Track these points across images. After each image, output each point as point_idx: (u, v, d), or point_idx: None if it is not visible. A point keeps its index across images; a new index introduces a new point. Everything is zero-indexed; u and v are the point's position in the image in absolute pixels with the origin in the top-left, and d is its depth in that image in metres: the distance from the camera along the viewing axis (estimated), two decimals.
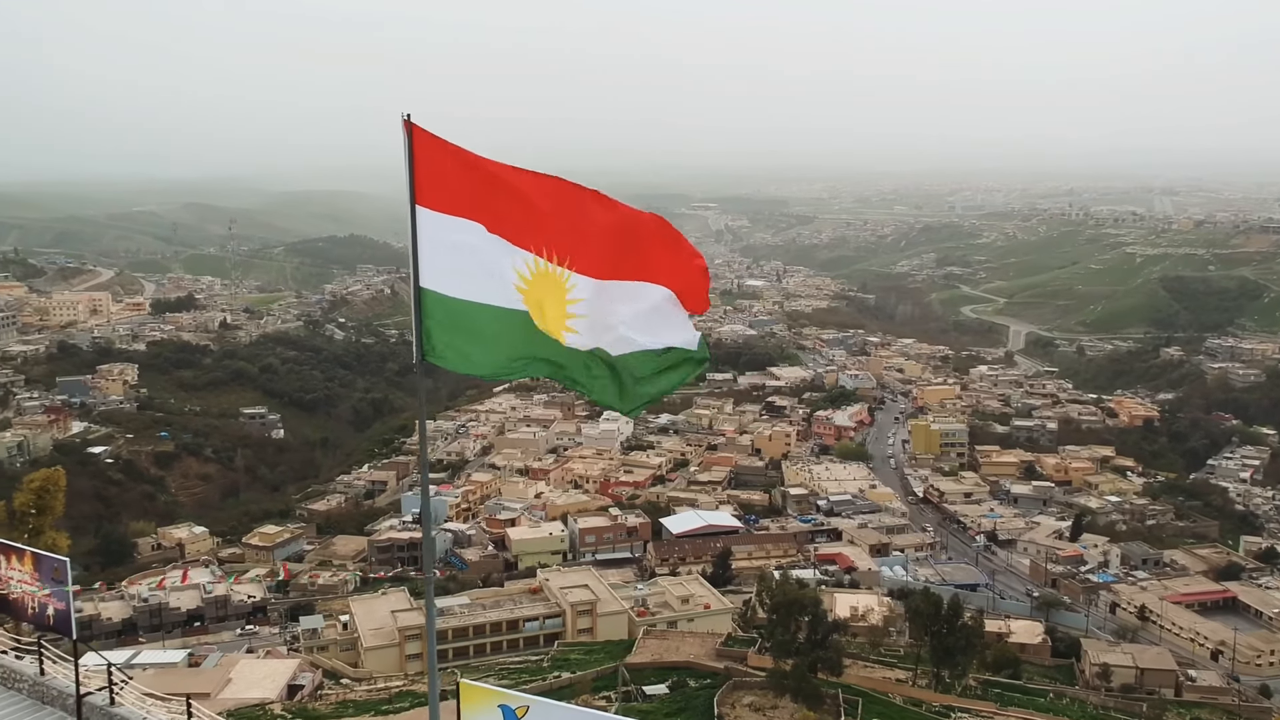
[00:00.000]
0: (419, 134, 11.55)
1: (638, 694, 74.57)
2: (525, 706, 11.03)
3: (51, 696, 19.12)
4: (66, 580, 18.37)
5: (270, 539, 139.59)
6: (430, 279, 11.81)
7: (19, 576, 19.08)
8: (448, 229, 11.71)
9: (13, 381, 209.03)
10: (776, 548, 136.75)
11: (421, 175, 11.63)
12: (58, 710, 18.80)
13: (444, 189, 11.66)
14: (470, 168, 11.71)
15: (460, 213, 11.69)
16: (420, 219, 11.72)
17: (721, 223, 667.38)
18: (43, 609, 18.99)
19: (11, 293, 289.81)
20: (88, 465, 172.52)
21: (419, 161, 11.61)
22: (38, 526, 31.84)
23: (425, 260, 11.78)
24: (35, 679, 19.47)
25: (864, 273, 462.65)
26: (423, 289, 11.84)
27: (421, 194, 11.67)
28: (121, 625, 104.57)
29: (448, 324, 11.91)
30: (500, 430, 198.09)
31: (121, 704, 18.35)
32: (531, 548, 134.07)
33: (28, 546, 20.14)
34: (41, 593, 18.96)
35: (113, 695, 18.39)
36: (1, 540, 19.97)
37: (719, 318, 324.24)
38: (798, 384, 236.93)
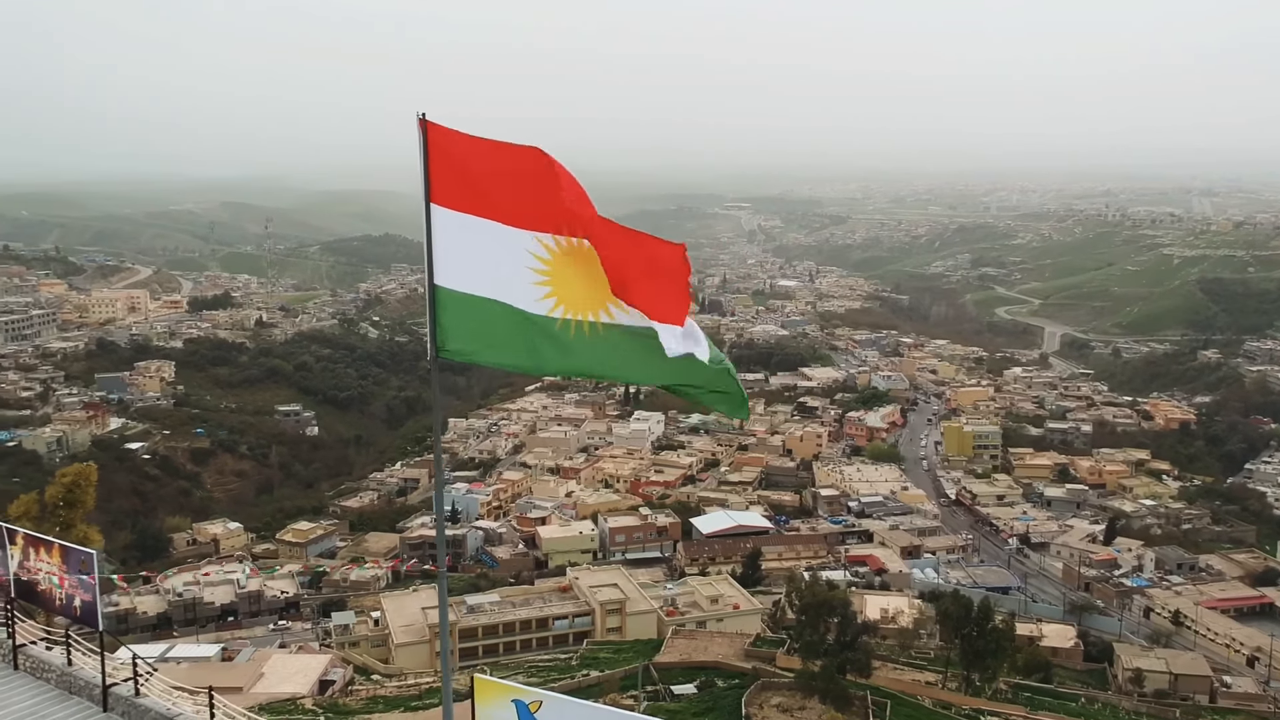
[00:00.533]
0: (434, 130, 11.64)
1: (665, 693, 74.70)
2: (538, 701, 11.19)
3: (79, 687, 19.50)
4: (93, 573, 18.76)
5: (303, 535, 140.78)
6: (444, 276, 11.94)
7: (47, 568, 19.52)
8: (462, 226, 11.79)
9: (52, 378, 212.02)
10: (807, 549, 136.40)
11: (436, 173, 11.73)
12: (85, 700, 19.18)
13: (459, 186, 11.73)
14: (486, 157, 11.67)
15: (475, 210, 11.73)
16: (435, 216, 11.84)
17: (754, 223, 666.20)
18: (70, 600, 19.40)
19: (52, 290, 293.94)
20: (125, 461, 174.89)
21: (434, 159, 11.72)
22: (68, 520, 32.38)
23: (440, 257, 11.91)
24: (63, 669, 19.87)
25: (898, 273, 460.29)
26: (437, 286, 11.98)
27: (436, 192, 11.78)
28: (156, 619, 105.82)
29: (461, 320, 12.01)
30: (532, 429, 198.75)
31: (146, 695, 18.71)
32: (562, 546, 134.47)
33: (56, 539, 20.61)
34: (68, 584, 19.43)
35: (138, 686, 18.75)
36: (30, 532, 20.42)
37: (751, 318, 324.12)
38: (830, 385, 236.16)
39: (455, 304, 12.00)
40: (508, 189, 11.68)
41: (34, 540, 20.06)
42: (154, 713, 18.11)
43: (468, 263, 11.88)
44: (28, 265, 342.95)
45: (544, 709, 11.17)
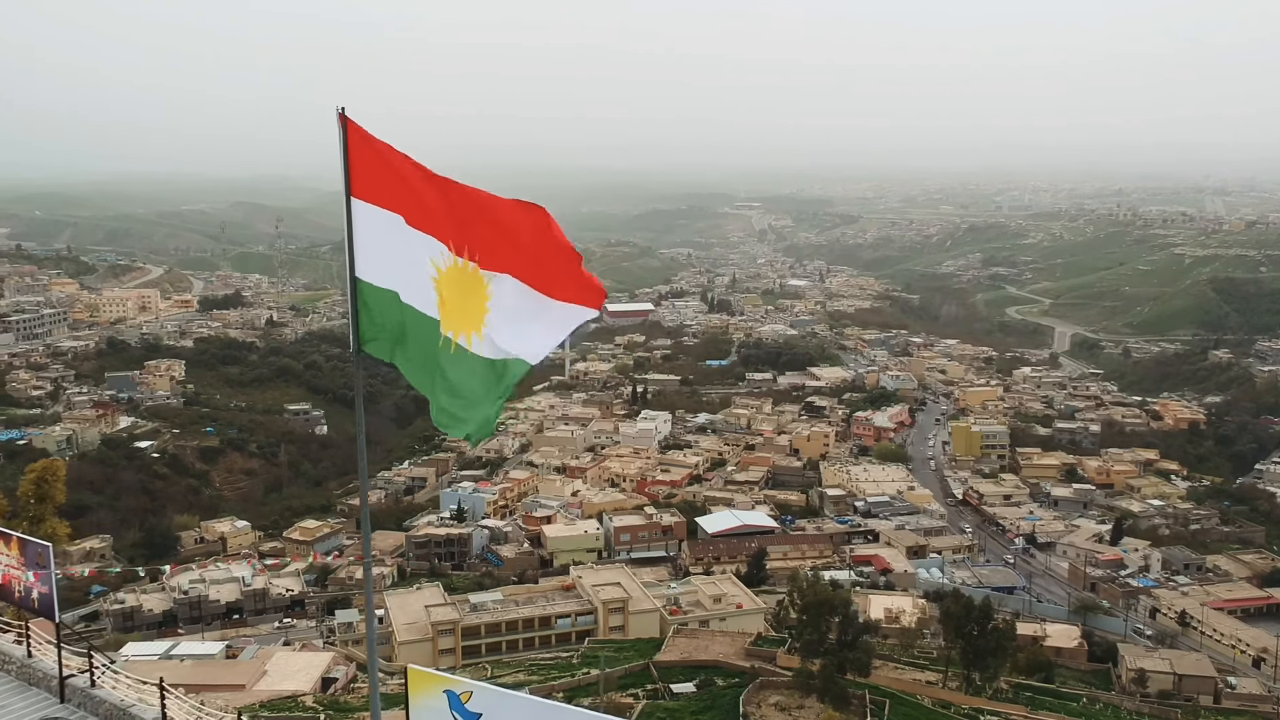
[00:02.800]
0: (353, 127, 11.75)
1: (665, 692, 74.90)
2: (469, 692, 11.38)
3: (38, 679, 19.86)
4: (49, 565, 19.07)
5: (310, 533, 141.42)
6: (364, 270, 12.03)
7: (5, 561, 19.84)
8: (379, 221, 11.90)
9: (63, 376, 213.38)
10: (812, 548, 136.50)
11: (356, 167, 11.83)
12: (43, 691, 19.52)
13: (375, 182, 11.85)
14: (397, 161, 11.86)
15: (388, 205, 11.86)
16: (356, 210, 11.92)
17: (765, 222, 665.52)
18: (28, 593, 19.73)
19: (63, 289, 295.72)
20: (134, 459, 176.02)
21: (353, 154, 11.80)
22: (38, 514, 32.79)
23: (360, 251, 11.98)
24: (23, 661, 20.21)
25: (908, 273, 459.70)
26: (358, 279, 12.06)
27: (356, 186, 11.87)
28: (162, 617, 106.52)
29: (379, 316, 12.12)
30: (539, 428, 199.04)
31: (101, 686, 19.03)
32: (567, 545, 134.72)
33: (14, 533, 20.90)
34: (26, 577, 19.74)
35: (93, 679, 19.07)
36: None
37: (760, 318, 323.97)
38: (838, 384, 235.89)
39: (375, 298, 12.09)
40: (416, 194, 11.87)
41: None
42: (108, 704, 18.46)
43: (384, 258, 11.98)
44: (40, 264, 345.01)
45: (474, 699, 11.35)
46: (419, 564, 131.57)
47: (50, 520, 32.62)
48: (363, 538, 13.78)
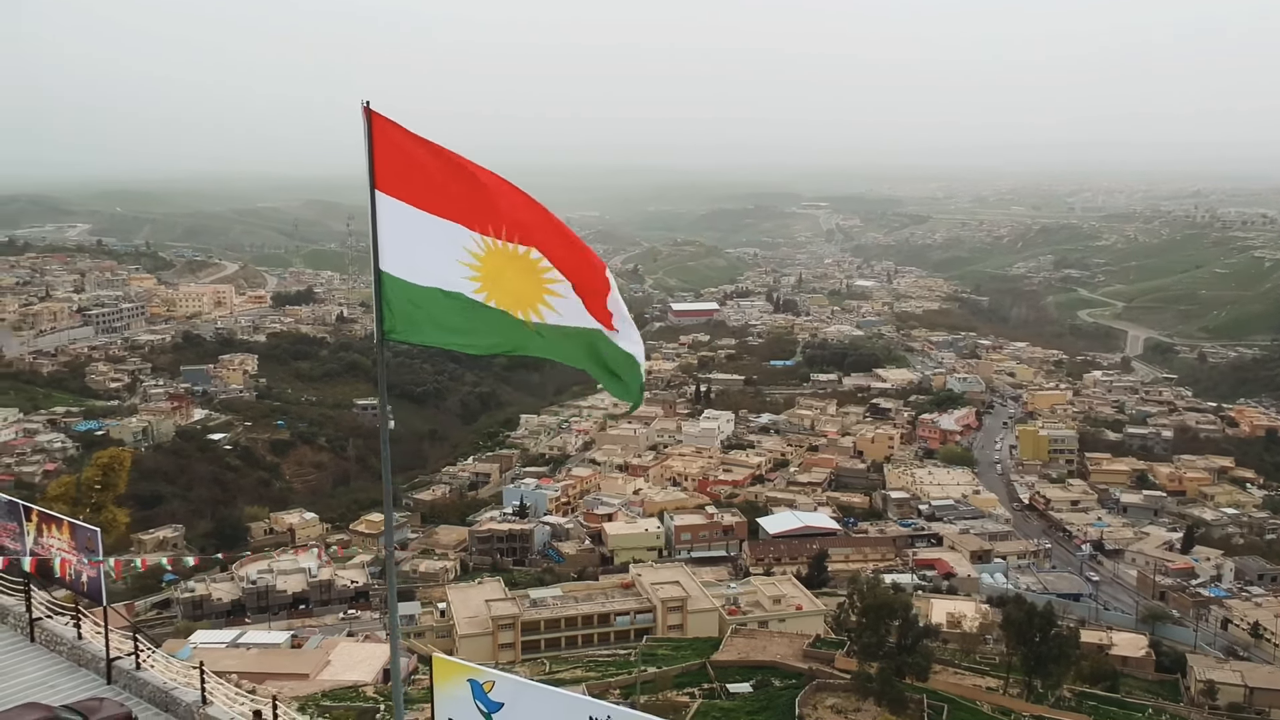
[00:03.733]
0: (378, 120, 11.90)
1: (721, 691, 75.06)
2: (491, 681, 11.78)
3: (87, 660, 20.72)
4: (98, 549, 19.85)
5: (376, 526, 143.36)
6: (388, 262, 12.18)
7: (57, 544, 20.68)
8: (404, 215, 12.04)
9: (140, 369, 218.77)
10: (874, 551, 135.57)
11: (380, 161, 11.97)
12: (91, 672, 20.35)
13: (401, 175, 11.98)
14: (424, 152, 11.96)
15: (413, 199, 11.99)
16: (379, 204, 12.08)
17: (832, 222, 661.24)
18: (78, 576, 20.54)
19: (142, 284, 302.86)
20: (207, 451, 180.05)
21: (378, 148, 11.97)
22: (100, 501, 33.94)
23: (384, 244, 12.14)
24: (73, 643, 21.08)
25: (978, 274, 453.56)
26: (382, 272, 12.23)
27: (380, 179, 12.02)
28: (230, 606, 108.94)
29: (405, 306, 12.29)
30: (602, 426, 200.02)
31: (146, 669, 19.79)
32: (627, 543, 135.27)
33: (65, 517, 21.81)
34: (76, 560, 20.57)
35: (138, 661, 19.84)
36: (43, 510, 21.66)
37: (826, 318, 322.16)
38: (904, 386, 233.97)
39: (399, 290, 12.26)
40: (443, 185, 11.96)
41: (46, 517, 21.29)
42: (152, 686, 19.24)
43: (409, 250, 12.13)
44: (119, 260, 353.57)
45: (496, 688, 11.73)
46: (481, 559, 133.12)
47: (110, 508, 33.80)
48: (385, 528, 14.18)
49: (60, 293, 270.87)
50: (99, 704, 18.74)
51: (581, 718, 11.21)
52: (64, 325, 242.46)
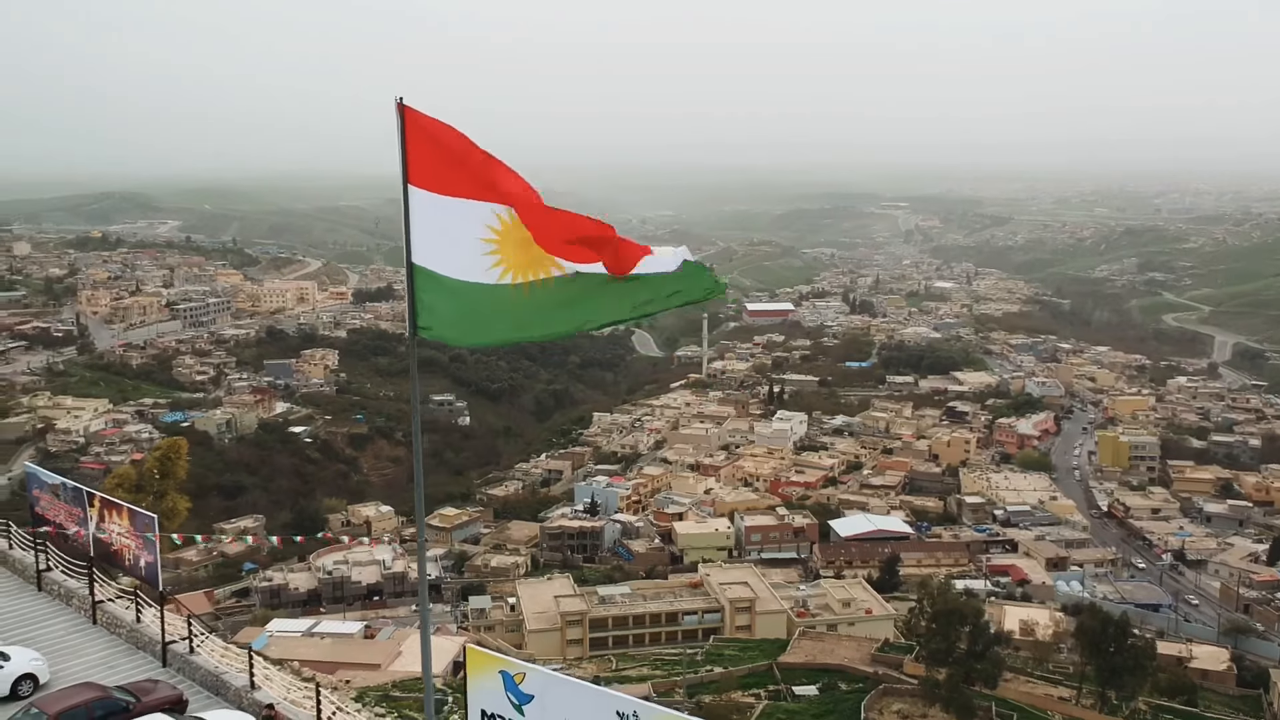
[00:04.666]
0: (411, 115, 12.16)
1: (787, 693, 74.99)
2: (523, 674, 12.20)
3: (144, 642, 21.66)
4: (155, 535, 20.72)
5: (449, 520, 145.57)
6: (421, 255, 12.40)
7: (118, 530, 21.63)
8: (435, 207, 12.26)
9: (225, 363, 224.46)
10: (947, 556, 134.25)
11: (413, 156, 12.20)
12: (148, 655, 21.28)
13: (432, 167, 12.20)
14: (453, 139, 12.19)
15: (445, 190, 12.22)
16: (413, 198, 12.30)
17: (911, 223, 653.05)
18: (136, 560, 21.46)
19: (228, 280, 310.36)
20: (288, 444, 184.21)
21: (410, 142, 12.20)
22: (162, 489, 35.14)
23: (416, 237, 12.37)
24: (132, 625, 22.04)
25: (1059, 276, 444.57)
26: (415, 265, 12.44)
27: (413, 173, 12.25)
28: (307, 596, 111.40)
29: (438, 300, 12.47)
30: (674, 425, 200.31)
31: (199, 653, 20.64)
32: (697, 543, 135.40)
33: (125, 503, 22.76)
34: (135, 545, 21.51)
35: (192, 645, 20.70)
36: (104, 496, 22.66)
37: (903, 320, 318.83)
38: (981, 390, 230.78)
39: (431, 283, 12.46)
40: (470, 165, 12.22)
41: (108, 503, 22.27)
42: (204, 670, 20.10)
43: (438, 242, 12.35)
44: (207, 256, 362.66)
45: (527, 680, 12.14)
46: (552, 555, 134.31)
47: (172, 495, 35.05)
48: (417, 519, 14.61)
49: (150, 287, 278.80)
50: (154, 685, 19.64)
51: (609, 712, 11.54)
52: (153, 319, 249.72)
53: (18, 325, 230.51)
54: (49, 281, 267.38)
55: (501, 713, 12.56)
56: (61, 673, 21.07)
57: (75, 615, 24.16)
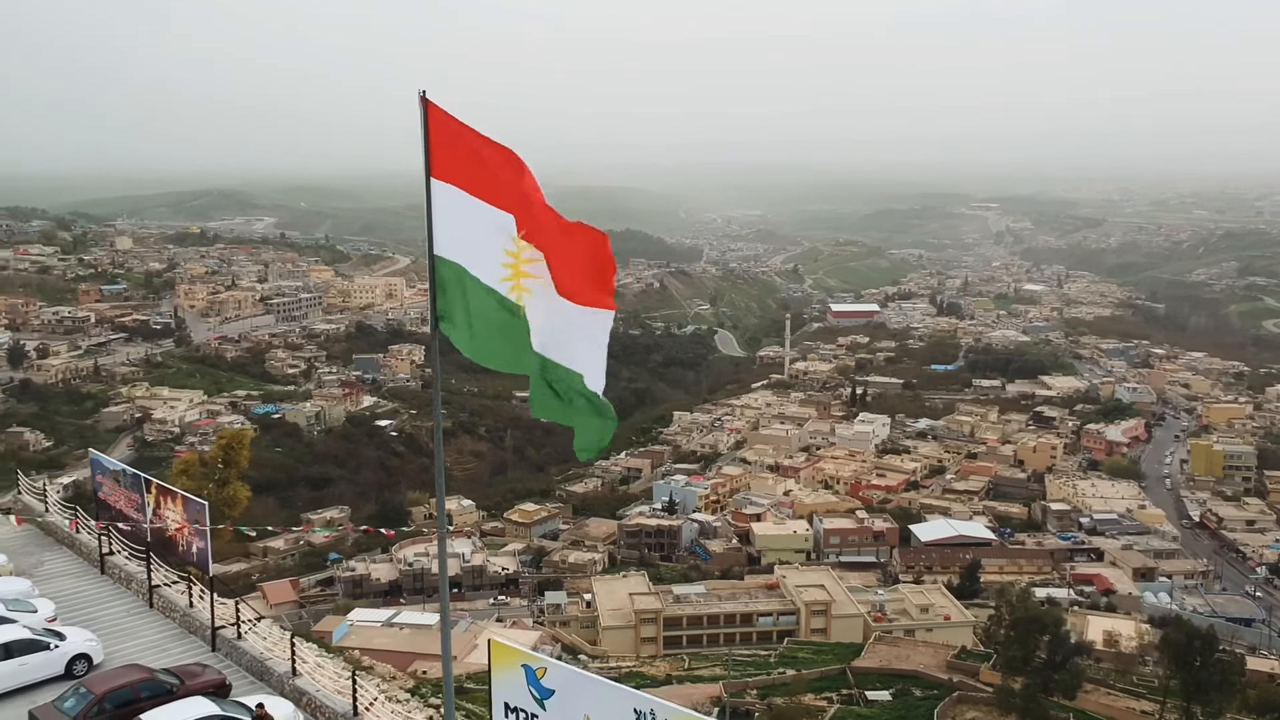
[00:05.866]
0: (434, 110, 12.30)
1: (860, 698, 74.57)
2: (544, 668, 12.43)
3: (196, 627, 22.50)
4: (205, 523, 21.49)
5: (529, 516, 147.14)
6: (442, 247, 12.59)
7: (173, 517, 22.48)
8: (458, 200, 12.43)
9: (315, 357, 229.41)
10: (1030, 563, 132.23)
11: (436, 149, 12.35)
12: (199, 639, 22.12)
13: (455, 162, 12.38)
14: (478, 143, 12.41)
15: (465, 185, 12.41)
16: (435, 191, 12.46)
17: (1002, 224, 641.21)
18: (188, 547, 22.26)
19: (320, 276, 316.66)
20: (374, 437, 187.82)
21: (433, 136, 12.30)
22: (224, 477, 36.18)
23: (439, 230, 12.54)
24: (185, 610, 22.91)
25: (1154, 280, 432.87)
26: (437, 256, 12.62)
27: (436, 166, 12.39)
28: (388, 586, 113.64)
29: (457, 296, 12.62)
30: (755, 426, 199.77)
31: (246, 639, 21.38)
32: (775, 544, 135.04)
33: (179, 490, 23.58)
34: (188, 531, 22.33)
35: (239, 631, 21.44)
36: (160, 483, 23.54)
37: (991, 322, 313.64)
38: (1070, 394, 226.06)
39: (452, 273, 12.61)
40: (491, 171, 12.44)
41: (163, 490, 23.14)
42: (250, 656, 20.84)
43: (462, 236, 12.54)
44: (300, 252, 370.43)
45: (548, 675, 12.36)
46: (629, 553, 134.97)
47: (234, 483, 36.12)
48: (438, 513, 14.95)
49: (245, 282, 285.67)
50: (201, 669, 20.38)
51: (626, 709, 11.76)
52: (247, 313, 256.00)
53: (119, 317, 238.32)
54: (149, 275, 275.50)
55: (524, 706, 12.69)
56: (116, 654, 21.95)
57: (133, 599, 25.15)
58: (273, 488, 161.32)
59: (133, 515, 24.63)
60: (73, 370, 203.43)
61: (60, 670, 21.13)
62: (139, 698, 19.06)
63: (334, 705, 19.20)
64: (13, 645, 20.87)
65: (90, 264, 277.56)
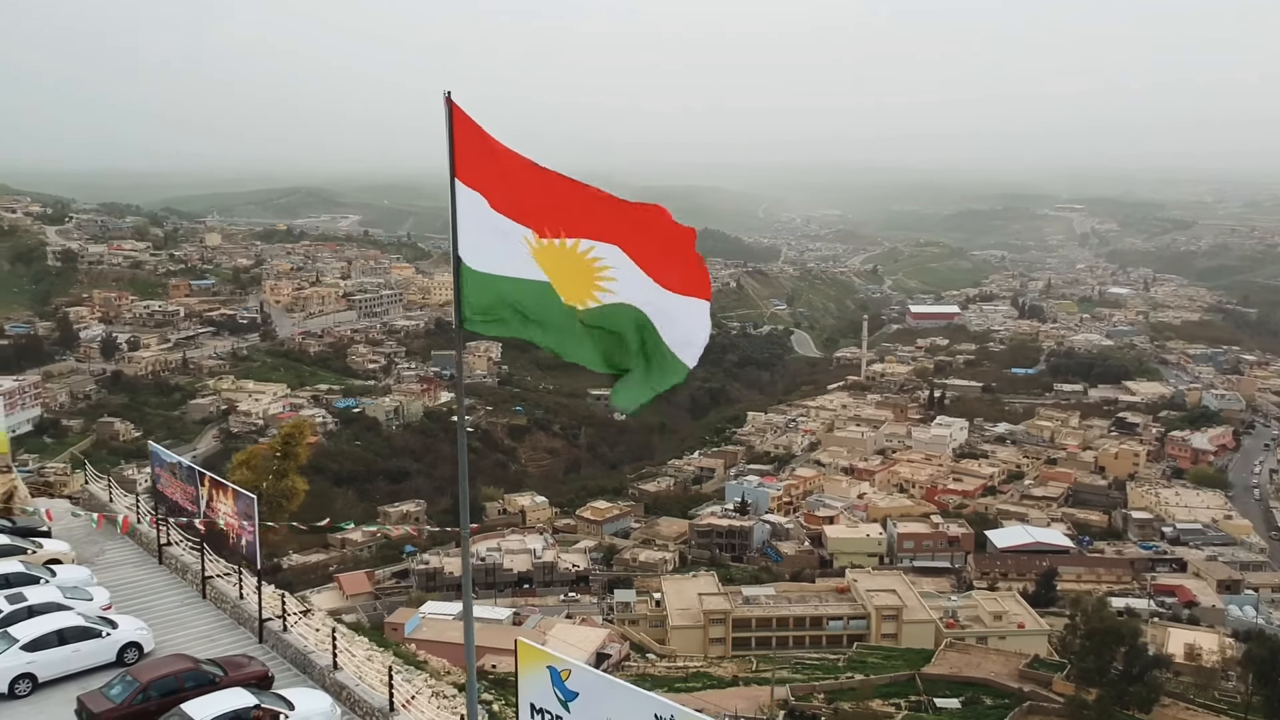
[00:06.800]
0: (457, 112, 12.17)
1: (928, 705, 73.91)
2: (569, 670, 12.64)
3: (245, 618, 23.15)
4: (254, 516, 22.03)
5: (601, 514, 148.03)
6: (464, 251, 12.45)
7: (224, 509, 23.13)
8: (479, 207, 12.29)
9: (395, 353, 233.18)
10: (1109, 573, 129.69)
11: (460, 151, 12.22)
12: (247, 631, 22.76)
13: (477, 168, 12.27)
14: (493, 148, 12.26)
15: (485, 190, 12.27)
16: (459, 194, 12.34)
17: (1087, 226, 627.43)
18: (238, 540, 22.88)
19: (401, 273, 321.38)
20: (451, 432, 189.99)
21: (458, 138, 12.18)
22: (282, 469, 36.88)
23: (461, 233, 12.39)
24: (236, 602, 23.59)
25: (1247, 284, 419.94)
26: (460, 260, 12.47)
27: (460, 169, 12.27)
28: (461, 580, 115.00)
29: (478, 295, 12.50)
30: (829, 427, 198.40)
31: (291, 632, 21.95)
32: (847, 547, 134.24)
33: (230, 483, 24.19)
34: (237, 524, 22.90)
35: (285, 624, 22.01)
36: (213, 476, 24.26)
37: (1073, 326, 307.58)
38: (1155, 400, 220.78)
39: (473, 280, 12.49)
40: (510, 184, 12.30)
41: (216, 483, 23.84)
42: (294, 648, 21.41)
43: (483, 239, 12.34)
44: (383, 249, 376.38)
45: (573, 678, 12.56)
46: (700, 552, 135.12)
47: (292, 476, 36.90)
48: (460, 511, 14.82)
49: (329, 278, 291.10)
50: (247, 661, 20.98)
51: (648, 714, 11.90)
52: (330, 309, 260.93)
53: (207, 312, 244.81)
54: (237, 271, 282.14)
55: (550, 708, 12.81)
56: (167, 643, 22.60)
57: (188, 589, 25.95)
58: (352, 480, 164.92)
59: (188, 507, 25.37)
60: (162, 363, 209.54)
61: (112, 657, 21.78)
62: (182, 687, 19.59)
63: (371, 700, 19.55)
64: (66, 632, 21.53)
65: (181, 259, 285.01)
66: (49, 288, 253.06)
